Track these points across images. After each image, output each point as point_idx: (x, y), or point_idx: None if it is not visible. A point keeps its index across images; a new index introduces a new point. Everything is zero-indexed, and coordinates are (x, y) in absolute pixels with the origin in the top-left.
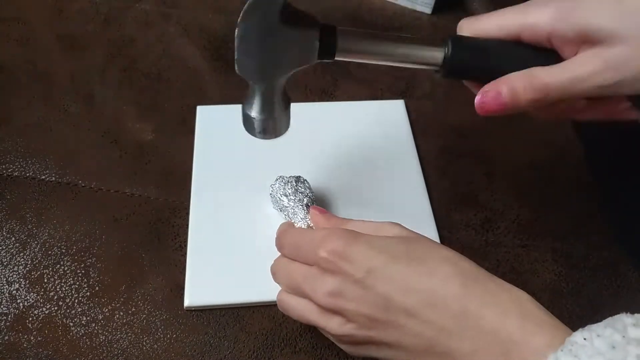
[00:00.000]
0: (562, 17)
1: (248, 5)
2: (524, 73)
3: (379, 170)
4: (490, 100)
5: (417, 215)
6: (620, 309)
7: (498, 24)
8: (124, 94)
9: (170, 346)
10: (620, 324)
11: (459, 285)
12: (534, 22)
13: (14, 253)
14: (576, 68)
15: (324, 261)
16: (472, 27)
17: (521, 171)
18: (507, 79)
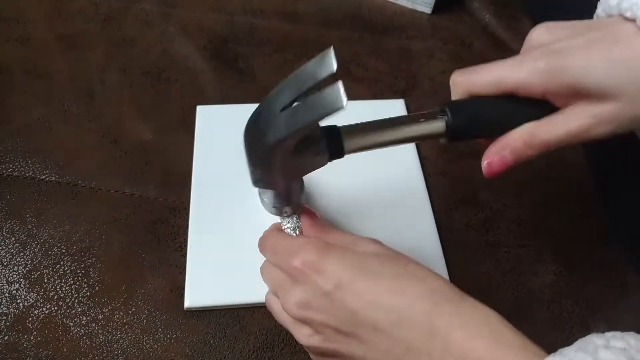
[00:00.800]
0: (553, 75)
1: (261, 152)
2: (522, 134)
3: (378, 170)
4: (496, 165)
5: (417, 215)
6: (620, 309)
7: (490, 82)
8: (124, 93)
9: (170, 346)
10: (591, 347)
11: (429, 305)
12: (527, 81)
13: (14, 253)
14: (570, 123)
15: (295, 271)
16: (466, 86)
17: (521, 171)
18: (508, 142)
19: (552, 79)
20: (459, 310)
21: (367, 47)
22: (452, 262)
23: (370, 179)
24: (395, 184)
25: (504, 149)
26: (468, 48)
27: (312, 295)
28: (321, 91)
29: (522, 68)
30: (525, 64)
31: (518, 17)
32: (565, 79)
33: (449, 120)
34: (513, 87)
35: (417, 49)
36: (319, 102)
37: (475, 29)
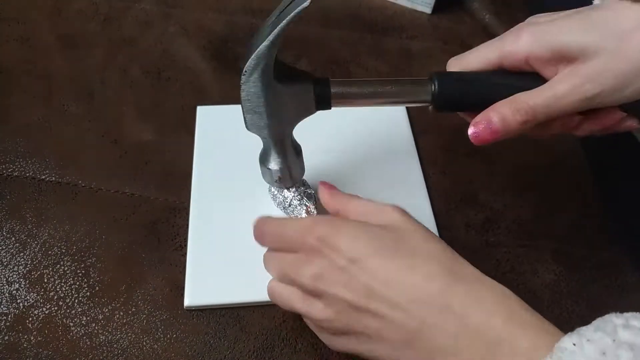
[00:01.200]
0: (535, 40)
1: (246, 70)
2: (510, 99)
3: (379, 170)
4: (482, 130)
5: (417, 215)
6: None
7: (479, 57)
8: (124, 94)
9: (170, 346)
10: (610, 326)
11: (443, 284)
12: (510, 49)
13: (14, 253)
14: (556, 86)
15: (310, 247)
16: (458, 64)
17: (521, 171)
18: (494, 107)
19: (535, 44)
20: (475, 289)
21: (367, 47)
22: None
23: (370, 179)
24: (395, 184)
25: (490, 112)
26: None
27: (327, 268)
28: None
29: (505, 39)
30: (508, 36)
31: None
32: (545, 41)
33: (434, 89)
34: (499, 57)
35: (417, 49)
36: (290, 8)
37: (475, 29)
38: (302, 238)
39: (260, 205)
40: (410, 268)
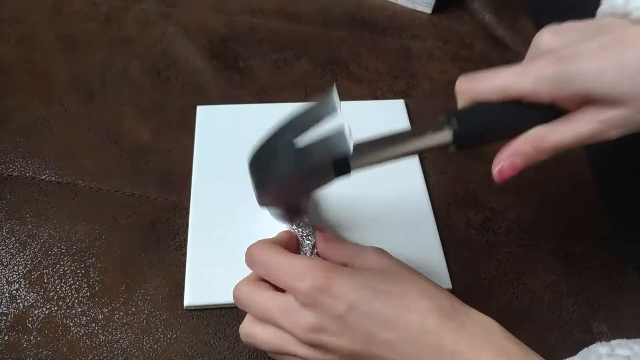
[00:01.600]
0: (561, 84)
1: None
2: (533, 139)
3: (378, 171)
4: (507, 171)
5: (418, 215)
6: (620, 310)
7: (497, 88)
8: (124, 93)
9: (170, 346)
10: (594, 356)
11: (436, 321)
12: (534, 90)
13: (14, 253)
14: (579, 128)
15: (303, 295)
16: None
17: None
18: (518, 148)
19: (561, 88)
20: (464, 324)
21: (367, 47)
22: (452, 262)
23: (370, 179)
24: (395, 184)
25: (514, 155)
26: (468, 48)
27: (324, 319)
28: (328, 136)
29: (528, 76)
30: (532, 72)
31: (518, 16)
32: (574, 86)
33: (456, 130)
34: (519, 95)
35: (417, 49)
36: (326, 145)
37: (475, 29)
38: (295, 284)
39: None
40: (405, 308)
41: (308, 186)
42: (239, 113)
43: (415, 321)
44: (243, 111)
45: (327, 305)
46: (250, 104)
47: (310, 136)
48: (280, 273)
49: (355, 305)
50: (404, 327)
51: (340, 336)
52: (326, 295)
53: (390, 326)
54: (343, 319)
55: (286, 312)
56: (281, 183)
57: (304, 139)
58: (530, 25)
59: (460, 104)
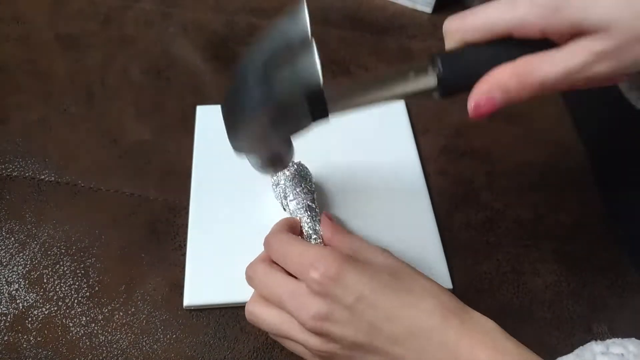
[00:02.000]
0: (554, 12)
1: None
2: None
3: (379, 171)
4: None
5: (418, 215)
6: (621, 310)
7: (485, 25)
8: (124, 93)
9: (169, 346)
10: (589, 354)
11: (440, 318)
12: (524, 20)
13: (14, 253)
14: (569, 60)
15: (314, 282)
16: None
17: (522, 171)
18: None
19: (552, 16)
20: (465, 323)
21: (367, 47)
22: (453, 262)
23: (370, 180)
24: (395, 185)
25: (494, 89)
26: None
27: (332, 308)
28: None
29: (518, 5)
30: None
31: None
32: (565, 13)
33: (440, 73)
34: (509, 26)
35: (417, 49)
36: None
37: None
38: (308, 271)
39: (260, 205)
40: (410, 304)
41: (283, 129)
42: None
43: (420, 318)
44: None
45: (337, 294)
46: None
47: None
48: (294, 260)
49: (364, 297)
50: (409, 323)
51: (346, 326)
52: (337, 284)
53: (396, 321)
54: (351, 309)
55: (295, 297)
56: (252, 124)
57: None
58: None
59: (448, 46)
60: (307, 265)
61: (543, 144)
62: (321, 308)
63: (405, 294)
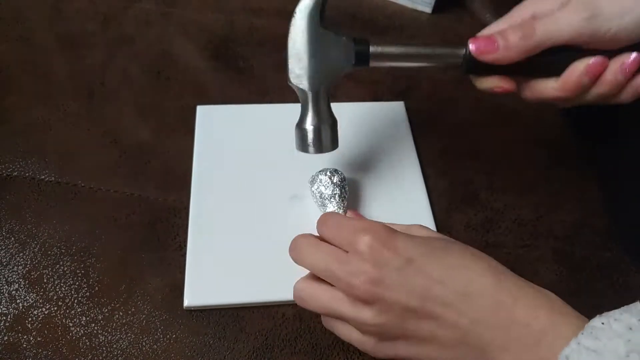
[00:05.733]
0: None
1: (297, 11)
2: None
3: (379, 171)
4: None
5: (417, 215)
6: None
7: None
8: (124, 93)
9: (169, 346)
10: (635, 310)
11: (493, 279)
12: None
13: (14, 253)
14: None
15: (366, 246)
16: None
17: (521, 171)
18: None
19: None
20: (518, 285)
21: None
22: None
23: (370, 180)
24: (395, 185)
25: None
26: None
27: (384, 271)
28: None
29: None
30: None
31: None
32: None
33: (466, 54)
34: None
35: None
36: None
37: (475, 29)
38: (359, 236)
39: (260, 204)
40: (463, 266)
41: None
42: (239, 113)
43: (472, 279)
44: (243, 111)
45: (388, 258)
46: (250, 104)
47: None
48: (345, 230)
49: (414, 260)
50: (462, 284)
51: (398, 290)
52: (387, 249)
53: (448, 283)
54: (402, 272)
55: (347, 264)
56: (306, 34)
57: None
58: None
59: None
60: (358, 232)
61: (543, 144)
62: (373, 272)
63: (458, 258)
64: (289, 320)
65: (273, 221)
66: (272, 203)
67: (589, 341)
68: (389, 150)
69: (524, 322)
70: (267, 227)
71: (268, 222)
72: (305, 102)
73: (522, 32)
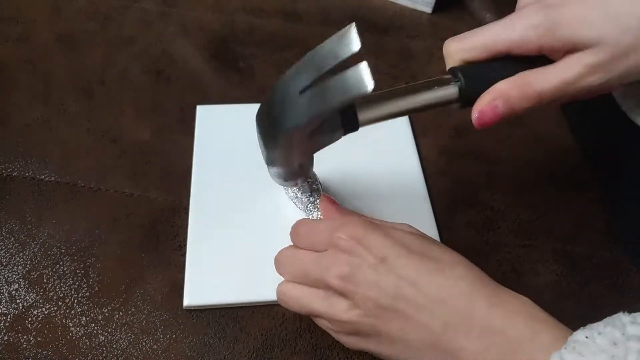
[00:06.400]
0: (548, 31)
1: (279, 135)
2: (517, 83)
3: (379, 171)
4: (487, 116)
5: (418, 215)
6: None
7: (485, 44)
8: (124, 93)
9: (169, 346)
10: (618, 322)
11: (469, 285)
12: (521, 40)
13: (14, 253)
14: (565, 73)
15: (341, 242)
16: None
17: (522, 171)
18: (501, 92)
19: (547, 34)
20: (496, 292)
21: (367, 47)
22: None
23: (370, 180)
24: (395, 185)
25: (496, 99)
26: None
27: (357, 267)
28: (344, 73)
29: (515, 26)
30: (518, 21)
31: None
32: (560, 31)
33: (462, 85)
34: (507, 46)
35: (417, 49)
36: (342, 84)
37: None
38: (332, 235)
39: (260, 204)
40: (439, 270)
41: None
42: (239, 113)
43: (448, 284)
44: (243, 111)
45: (361, 254)
46: (250, 104)
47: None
48: (320, 233)
49: (388, 259)
50: (436, 289)
51: (370, 286)
52: (361, 245)
53: (422, 286)
54: (375, 270)
55: (320, 263)
56: (291, 137)
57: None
58: None
59: (449, 65)
60: (333, 231)
61: (543, 144)
62: (346, 266)
63: (433, 261)
64: (289, 320)
65: (273, 221)
66: (272, 203)
67: (572, 356)
68: (389, 149)
69: (499, 328)
70: (267, 227)
71: (268, 222)
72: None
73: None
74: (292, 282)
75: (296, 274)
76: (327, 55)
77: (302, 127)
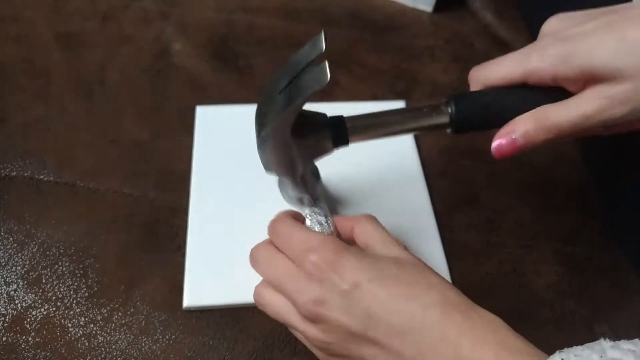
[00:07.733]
0: (564, 60)
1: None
2: (535, 116)
3: (379, 171)
4: (505, 147)
5: (418, 215)
6: (622, 310)
7: (502, 72)
8: (123, 93)
9: (169, 347)
10: (598, 347)
11: (441, 313)
12: (537, 67)
13: (12, 253)
14: (584, 106)
15: (312, 266)
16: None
17: (523, 171)
18: (519, 124)
19: (564, 64)
20: (468, 318)
21: (368, 46)
22: (453, 263)
23: (370, 180)
24: (396, 185)
25: (514, 132)
26: (469, 47)
27: (328, 293)
28: (308, 70)
29: (532, 56)
30: (535, 51)
31: (519, 16)
32: (576, 62)
33: (452, 113)
34: (523, 75)
35: (418, 48)
36: (306, 81)
37: (476, 28)
38: (306, 255)
39: (260, 205)
40: (411, 297)
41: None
42: (239, 113)
43: (420, 311)
44: (243, 111)
45: (334, 279)
46: (250, 104)
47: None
48: (296, 244)
49: (361, 285)
50: (408, 316)
51: (341, 313)
52: (333, 270)
53: (394, 313)
54: (346, 296)
55: (293, 281)
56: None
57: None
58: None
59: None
60: (307, 250)
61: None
62: (316, 293)
63: (407, 287)
64: None
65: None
66: (272, 203)
67: None
68: (389, 150)
69: (467, 357)
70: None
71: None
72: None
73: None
74: (269, 288)
75: (270, 279)
76: (301, 60)
77: (279, 122)
